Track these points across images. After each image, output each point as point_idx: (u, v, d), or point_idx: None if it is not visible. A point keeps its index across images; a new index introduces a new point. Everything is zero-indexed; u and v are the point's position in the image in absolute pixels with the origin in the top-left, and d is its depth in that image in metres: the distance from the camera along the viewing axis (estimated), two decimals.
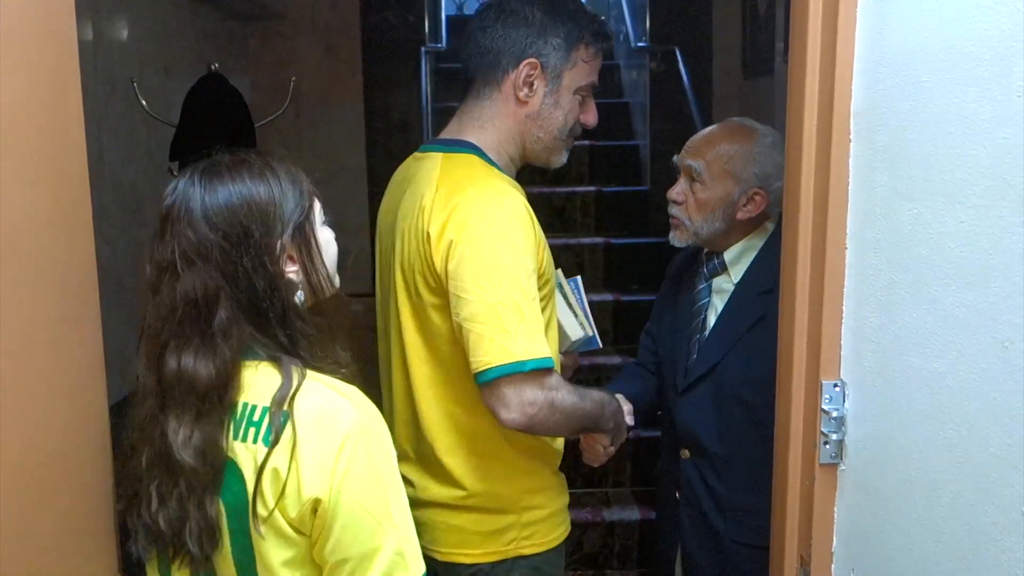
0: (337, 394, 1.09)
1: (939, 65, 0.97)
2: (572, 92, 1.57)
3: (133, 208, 2.56)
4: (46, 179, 0.94)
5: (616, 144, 4.76)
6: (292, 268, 1.14)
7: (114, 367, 2.38)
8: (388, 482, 1.09)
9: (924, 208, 1.00)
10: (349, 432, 1.06)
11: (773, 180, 1.68)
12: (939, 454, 1.00)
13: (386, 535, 1.07)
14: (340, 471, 1.05)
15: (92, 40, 2.34)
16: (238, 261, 1.09)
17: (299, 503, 1.05)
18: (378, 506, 1.07)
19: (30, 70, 0.89)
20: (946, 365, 0.98)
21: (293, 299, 1.13)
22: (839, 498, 1.21)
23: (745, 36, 3.85)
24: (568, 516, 1.65)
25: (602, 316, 3.94)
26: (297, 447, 1.05)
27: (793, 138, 1.22)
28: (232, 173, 1.13)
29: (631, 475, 3.46)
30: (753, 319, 1.70)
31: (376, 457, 1.08)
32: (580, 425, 1.53)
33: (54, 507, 0.96)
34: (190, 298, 1.08)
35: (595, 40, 1.58)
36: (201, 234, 1.09)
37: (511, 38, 1.54)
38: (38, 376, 0.92)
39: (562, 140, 1.60)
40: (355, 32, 3.87)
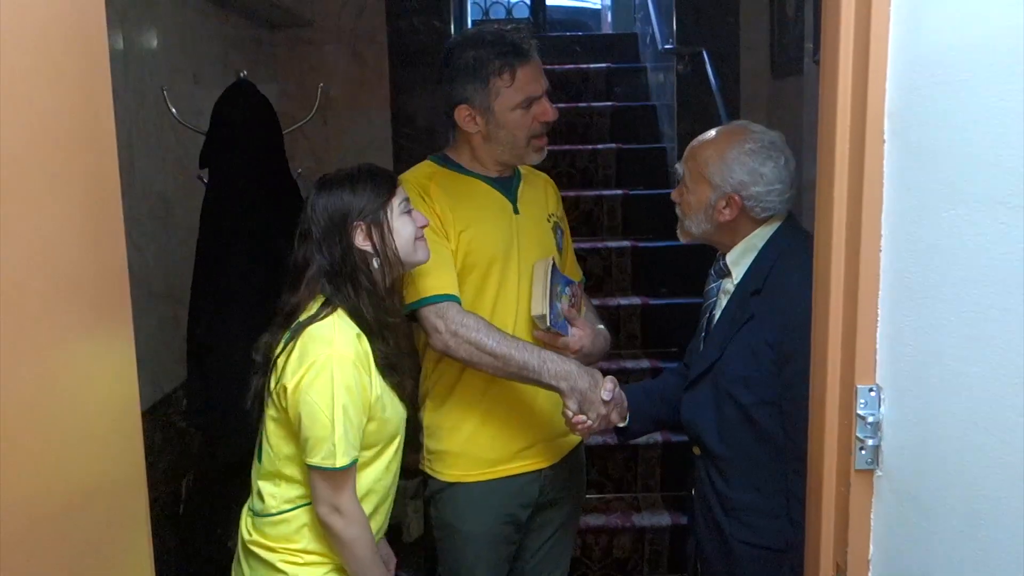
0: (336, 331, 1.61)
1: (976, 62, 0.95)
2: (510, 111, 1.90)
3: (163, 216, 2.59)
4: (78, 187, 0.95)
5: (643, 147, 4.73)
6: (366, 244, 1.67)
7: (145, 374, 2.43)
8: (339, 398, 1.56)
9: (962, 210, 0.98)
10: (323, 354, 1.58)
11: (748, 186, 1.73)
12: (979, 460, 0.97)
13: (331, 431, 1.55)
14: (306, 374, 1.57)
15: (122, 49, 2.36)
16: (323, 239, 1.66)
17: (280, 386, 1.60)
18: (328, 407, 1.55)
19: (62, 78, 0.90)
20: (985, 369, 0.96)
21: (364, 264, 1.67)
22: (876, 505, 1.19)
23: (773, 36, 3.82)
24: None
25: (630, 320, 3.92)
26: (292, 352, 1.60)
27: (826, 139, 1.21)
28: (332, 182, 1.70)
29: (661, 480, 3.44)
30: (744, 319, 1.73)
31: (336, 377, 1.56)
32: (512, 370, 1.83)
33: (88, 515, 0.97)
34: (297, 260, 1.68)
35: (507, 66, 1.88)
36: (308, 221, 1.68)
37: (443, 94, 1.95)
38: (71, 384, 0.93)
39: (523, 145, 1.95)
40: (381, 38, 3.88)
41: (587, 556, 3.20)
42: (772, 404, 1.68)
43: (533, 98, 1.91)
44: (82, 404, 0.95)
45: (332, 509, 1.60)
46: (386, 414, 1.67)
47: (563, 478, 2.10)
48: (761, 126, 1.81)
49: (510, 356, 1.81)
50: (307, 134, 3.66)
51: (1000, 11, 0.91)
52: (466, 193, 1.96)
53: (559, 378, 1.81)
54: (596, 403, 1.81)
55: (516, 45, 1.89)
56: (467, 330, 1.81)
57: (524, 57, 1.89)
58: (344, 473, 1.59)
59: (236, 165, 2.49)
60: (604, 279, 4.13)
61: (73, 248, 0.93)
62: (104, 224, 1.01)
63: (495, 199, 1.99)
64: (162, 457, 2.52)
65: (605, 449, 3.41)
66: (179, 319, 2.57)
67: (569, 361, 1.85)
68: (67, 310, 0.92)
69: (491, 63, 1.87)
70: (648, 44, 5.19)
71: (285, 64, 3.83)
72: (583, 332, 1.98)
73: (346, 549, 1.64)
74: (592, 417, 1.82)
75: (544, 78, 1.95)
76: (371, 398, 1.64)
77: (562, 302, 1.97)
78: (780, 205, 1.76)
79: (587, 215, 4.40)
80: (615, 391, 1.85)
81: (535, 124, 1.93)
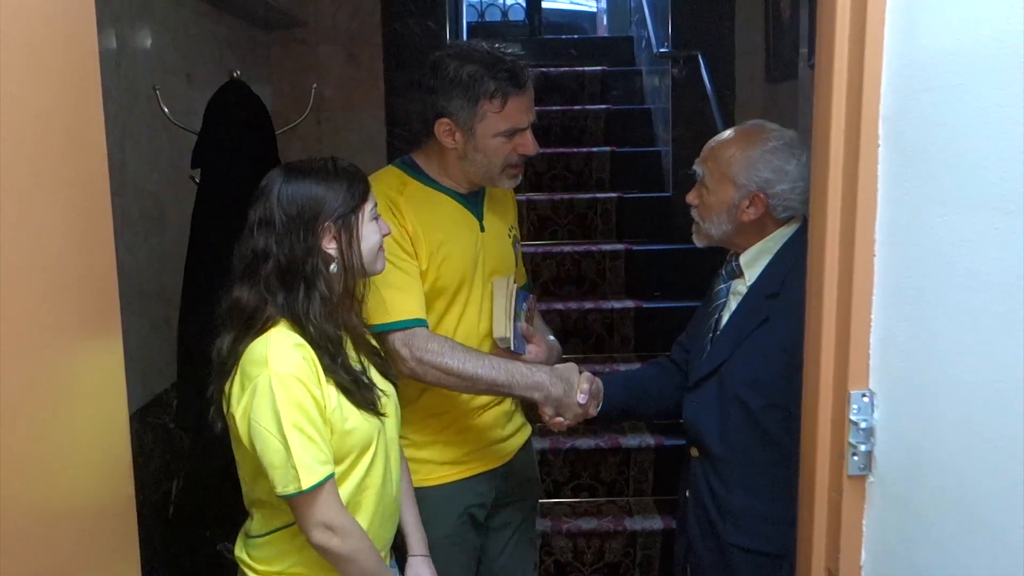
0: (270, 346, 1.49)
1: (971, 67, 0.95)
2: (492, 137, 1.84)
3: (155, 216, 2.57)
4: (66, 187, 0.94)
5: (638, 150, 4.73)
6: (332, 246, 1.55)
7: (135, 374, 2.41)
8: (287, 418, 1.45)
9: (956, 214, 0.98)
10: (261, 374, 1.46)
11: (774, 184, 1.72)
12: (972, 466, 0.97)
13: (286, 455, 1.45)
14: (250, 399, 1.47)
15: (115, 49, 2.35)
16: (285, 233, 1.52)
17: (229, 415, 1.52)
18: (276, 431, 1.45)
19: (51, 78, 0.89)
20: (979, 375, 0.95)
21: (324, 266, 1.54)
22: (868, 510, 1.18)
23: (768, 41, 3.82)
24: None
25: (623, 323, 3.92)
26: (234, 376, 1.51)
27: (820, 143, 1.20)
28: (301, 172, 1.57)
29: (653, 484, 3.43)
30: (758, 321, 1.72)
31: (279, 396, 1.45)
32: (481, 389, 1.84)
33: (75, 516, 0.96)
34: (256, 250, 1.53)
35: (500, 91, 1.81)
36: (271, 208, 1.53)
37: (425, 102, 1.86)
38: (58, 385, 0.92)
39: (497, 173, 1.90)
40: (377, 39, 3.87)
41: (579, 560, 3.19)
42: (781, 408, 1.66)
43: (517, 129, 1.86)
44: (68, 409, 0.94)
45: (323, 528, 1.49)
46: (348, 425, 1.55)
47: (517, 475, 2.12)
48: (776, 124, 1.79)
49: (478, 376, 1.80)
50: (301, 135, 3.64)
51: (995, 16, 0.91)
52: (436, 211, 1.91)
53: (531, 390, 1.83)
54: (572, 406, 1.84)
55: (514, 73, 1.84)
56: (432, 355, 1.79)
57: (519, 87, 1.84)
58: (319, 491, 1.47)
59: (228, 165, 2.48)
60: (598, 282, 4.13)
61: (61, 250, 0.93)
62: (93, 225, 1.00)
63: (463, 217, 1.95)
64: (152, 459, 2.50)
65: (597, 452, 3.40)
66: (171, 320, 2.55)
67: (538, 371, 1.85)
68: (54, 313, 0.91)
69: (484, 84, 1.81)
70: (643, 47, 5.19)
71: (280, 65, 3.82)
72: (539, 349, 1.99)
73: (352, 566, 1.53)
74: (569, 417, 1.85)
75: (533, 111, 1.90)
76: (326, 410, 1.52)
77: (520, 320, 1.97)
78: (800, 205, 1.74)
79: (581, 218, 4.39)
80: (591, 389, 1.85)
81: (513, 155, 1.88)
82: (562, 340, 2.29)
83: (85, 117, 0.97)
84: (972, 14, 0.95)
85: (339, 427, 1.54)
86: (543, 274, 4.08)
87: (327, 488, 1.49)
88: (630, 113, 5.02)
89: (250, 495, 1.64)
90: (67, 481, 0.94)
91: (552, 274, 4.11)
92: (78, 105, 0.96)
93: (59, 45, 0.92)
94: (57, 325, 0.92)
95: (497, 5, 6.95)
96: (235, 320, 1.54)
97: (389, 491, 1.68)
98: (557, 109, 4.95)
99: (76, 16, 0.95)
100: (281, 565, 1.61)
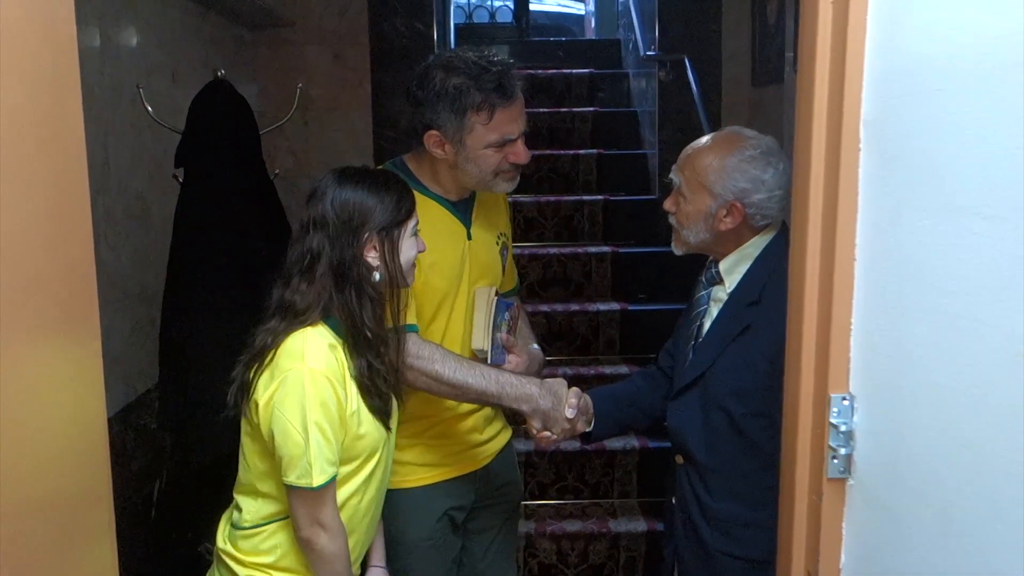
0: (307, 343, 1.54)
1: (951, 73, 0.95)
2: (482, 148, 1.82)
3: (139, 215, 2.56)
4: (44, 186, 0.93)
5: (624, 153, 4.74)
6: (373, 255, 1.61)
7: (118, 374, 2.40)
8: (312, 414, 1.50)
9: (936, 219, 0.98)
10: (294, 368, 1.51)
11: (751, 193, 1.70)
12: (950, 470, 0.98)
13: (304, 449, 1.49)
14: (277, 389, 1.51)
15: (99, 47, 2.34)
16: (338, 236, 1.58)
17: (252, 401, 1.55)
18: (300, 424, 1.49)
19: (28, 75, 0.88)
20: (958, 379, 0.96)
21: (369, 274, 1.60)
22: (847, 513, 1.19)
23: (754, 45, 3.84)
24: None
25: (609, 325, 3.92)
26: (265, 365, 1.54)
27: (802, 147, 1.21)
28: (355, 178, 1.62)
29: (638, 486, 3.44)
30: (739, 329, 1.71)
31: (308, 392, 1.50)
32: (471, 398, 1.84)
33: (51, 518, 0.95)
34: (312, 248, 1.58)
35: (487, 104, 1.79)
36: (325, 209, 1.59)
37: (413, 113, 1.86)
38: (34, 386, 0.91)
39: (491, 180, 1.88)
40: (364, 40, 3.87)
41: (562, 562, 3.19)
42: (764, 416, 1.66)
43: (508, 139, 1.83)
44: (44, 410, 0.93)
45: (314, 523, 1.54)
46: (361, 429, 1.60)
47: (497, 478, 2.12)
48: (754, 131, 1.78)
49: (468, 385, 1.80)
50: (287, 135, 3.64)
51: (975, 23, 0.92)
52: (426, 220, 1.85)
53: (520, 401, 1.81)
54: (560, 420, 1.82)
55: (502, 84, 1.79)
56: (423, 362, 1.78)
57: (507, 98, 1.81)
58: (325, 490, 1.53)
59: (211, 164, 2.47)
60: (584, 284, 4.13)
61: (38, 248, 0.92)
62: (72, 224, 1.00)
63: (451, 226, 1.94)
64: (134, 459, 2.49)
65: (582, 455, 3.40)
66: (154, 320, 2.54)
67: (528, 383, 1.83)
68: (31, 313, 0.90)
69: (471, 96, 1.78)
70: (631, 50, 5.20)
71: (266, 64, 3.81)
72: (519, 360, 1.98)
73: (327, 565, 1.57)
74: (556, 432, 1.83)
75: (524, 119, 1.87)
76: (346, 412, 1.57)
77: (501, 331, 1.97)
78: (779, 212, 1.73)
79: (567, 220, 4.40)
80: (579, 404, 1.84)
81: (504, 163, 1.85)
82: (547, 342, 2.29)
83: (63, 115, 0.97)
84: (953, 21, 0.96)
85: (353, 431, 1.59)
86: (529, 276, 4.08)
87: (330, 488, 1.55)
88: (617, 116, 5.03)
89: (248, 483, 1.65)
90: (42, 486, 0.93)
91: (538, 276, 4.11)
92: (56, 103, 0.95)
93: (37, 43, 0.91)
94: (34, 323, 0.91)
95: (485, 7, 6.95)
96: (286, 315, 1.58)
97: (382, 498, 1.73)
98: (544, 111, 4.96)
99: (54, 13, 0.94)
100: (270, 557, 1.63)
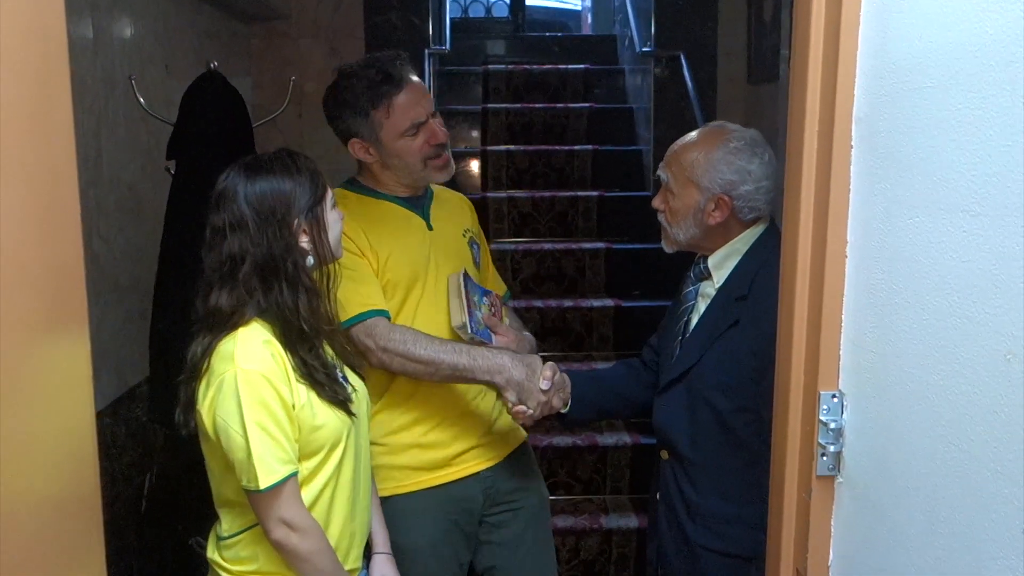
0: (238, 344, 1.49)
1: (942, 71, 0.95)
2: (399, 138, 1.88)
3: (132, 207, 2.55)
4: (32, 179, 0.92)
5: (619, 149, 4.74)
6: (305, 239, 1.56)
7: (110, 366, 2.39)
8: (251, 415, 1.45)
9: (926, 217, 0.98)
10: (227, 371, 1.47)
11: (738, 185, 1.71)
12: (938, 468, 0.98)
13: (247, 452, 1.45)
14: (215, 395, 1.47)
15: (92, 38, 2.33)
16: (262, 232, 1.51)
17: (197, 412, 1.52)
18: (239, 428, 1.45)
19: (15, 67, 0.88)
20: (946, 377, 0.96)
21: (303, 261, 1.55)
22: (836, 511, 1.19)
23: (750, 42, 3.84)
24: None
25: (602, 321, 3.92)
26: (201, 374, 1.51)
27: (794, 144, 1.21)
28: (263, 168, 1.55)
29: (629, 482, 3.44)
30: (727, 324, 1.72)
31: (244, 394, 1.45)
32: (445, 373, 1.83)
33: (37, 516, 0.94)
34: (231, 254, 1.51)
35: (381, 96, 1.85)
36: (239, 209, 1.51)
37: (335, 130, 1.95)
38: (20, 382, 0.90)
39: (422, 168, 1.93)
40: (359, 33, 3.86)
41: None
42: (750, 411, 1.66)
43: (419, 123, 1.88)
44: (31, 406, 0.92)
45: (281, 524, 1.49)
46: (317, 420, 1.54)
47: (509, 481, 2.06)
48: (738, 125, 1.79)
49: (440, 360, 1.81)
50: (281, 128, 3.63)
51: (965, 20, 0.91)
52: (378, 216, 1.94)
53: (493, 372, 1.81)
54: (535, 392, 1.80)
55: (387, 73, 1.85)
56: (395, 344, 1.81)
57: (397, 85, 1.86)
58: (279, 489, 1.47)
59: (202, 157, 2.46)
60: (578, 280, 4.13)
61: (26, 243, 0.91)
62: (60, 217, 0.99)
63: (407, 218, 1.98)
64: (125, 452, 2.48)
65: (574, 450, 3.41)
66: (146, 312, 2.53)
67: (501, 354, 1.83)
68: (17, 307, 0.89)
69: (365, 95, 1.85)
70: (626, 47, 5.20)
71: (260, 57, 3.80)
72: (508, 338, 1.96)
73: (308, 565, 1.52)
74: (532, 406, 1.80)
75: (427, 100, 1.92)
76: (294, 407, 1.51)
77: (482, 311, 1.97)
78: (766, 205, 1.74)
79: (562, 216, 4.40)
80: (555, 378, 1.83)
81: (426, 148, 1.90)
82: (540, 338, 2.28)
83: (53, 107, 0.96)
84: (944, 19, 0.96)
85: (308, 423, 1.53)
86: (523, 271, 4.08)
87: (288, 487, 1.49)
88: (612, 112, 5.03)
89: (219, 494, 1.62)
90: (28, 479, 0.93)
91: (532, 271, 4.11)
92: (45, 95, 0.94)
93: (25, 34, 0.90)
94: (20, 317, 0.90)
95: (481, 1, 6.93)
96: (214, 324, 1.53)
97: (360, 489, 1.68)
98: (539, 107, 4.96)
99: (43, 3, 0.93)
100: (252, 565, 1.60)
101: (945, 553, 0.97)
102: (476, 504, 2.02)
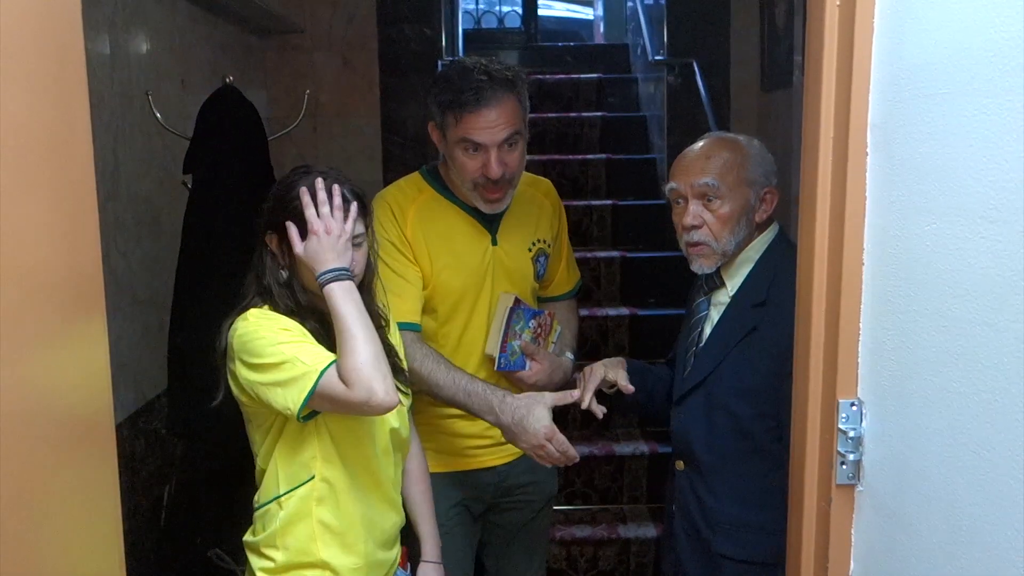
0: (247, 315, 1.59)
1: (958, 76, 0.95)
2: (456, 145, 1.87)
3: (149, 221, 2.57)
4: (51, 193, 0.93)
5: (633, 158, 4.73)
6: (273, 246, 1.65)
7: (128, 379, 2.41)
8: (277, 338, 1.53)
9: (944, 223, 0.98)
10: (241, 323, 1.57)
11: (773, 177, 1.75)
12: (958, 476, 0.97)
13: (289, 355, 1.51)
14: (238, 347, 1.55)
15: (109, 54, 2.35)
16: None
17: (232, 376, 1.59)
18: (272, 348, 1.52)
19: (34, 83, 0.89)
20: (966, 385, 0.95)
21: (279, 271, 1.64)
22: (856, 520, 1.18)
23: (763, 49, 3.83)
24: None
25: (618, 330, 3.91)
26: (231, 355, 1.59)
27: (809, 151, 1.20)
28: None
29: (647, 492, 3.43)
30: (745, 331, 1.71)
31: (263, 326, 1.55)
32: (444, 398, 1.87)
33: (57, 525, 0.95)
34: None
35: (457, 103, 1.84)
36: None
37: (426, 107, 1.95)
38: (41, 392, 0.91)
39: (471, 188, 1.91)
40: (372, 45, 3.88)
41: (572, 567, 3.18)
42: (770, 417, 1.65)
43: (478, 144, 1.84)
44: (51, 412, 0.93)
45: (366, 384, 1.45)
46: None
47: (520, 477, 2.10)
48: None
49: (439, 387, 1.86)
50: (296, 141, 3.64)
51: (981, 24, 0.91)
52: (443, 224, 1.94)
53: (484, 413, 1.83)
54: (520, 436, 1.78)
55: (475, 88, 1.82)
56: (409, 359, 1.83)
57: (476, 102, 1.82)
58: (328, 375, 1.47)
59: (219, 171, 2.47)
60: (593, 289, 4.12)
61: (46, 257, 0.92)
62: (79, 229, 1.00)
63: (471, 230, 1.97)
64: (144, 464, 2.49)
65: (591, 460, 3.39)
66: (164, 325, 2.55)
67: (493, 395, 1.82)
68: (38, 316, 0.90)
69: (447, 93, 1.85)
70: (639, 55, 5.20)
71: (275, 71, 3.82)
72: (540, 367, 1.97)
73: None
74: (523, 448, 1.81)
75: (501, 130, 1.84)
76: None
77: (523, 338, 1.98)
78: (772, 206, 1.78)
79: (576, 225, 4.39)
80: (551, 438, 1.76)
81: (478, 173, 1.86)
82: None
83: (71, 122, 0.97)
84: (959, 23, 0.95)
85: None
86: None
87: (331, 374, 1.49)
88: (625, 120, 5.02)
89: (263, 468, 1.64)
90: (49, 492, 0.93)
91: None
92: (64, 110, 0.96)
93: (44, 50, 0.91)
94: (41, 329, 0.91)
95: (493, 12, 6.95)
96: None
97: (388, 477, 1.69)
98: (552, 116, 4.96)
99: (61, 20, 0.94)
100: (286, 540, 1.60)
101: (968, 563, 0.96)
102: (487, 493, 2.08)
